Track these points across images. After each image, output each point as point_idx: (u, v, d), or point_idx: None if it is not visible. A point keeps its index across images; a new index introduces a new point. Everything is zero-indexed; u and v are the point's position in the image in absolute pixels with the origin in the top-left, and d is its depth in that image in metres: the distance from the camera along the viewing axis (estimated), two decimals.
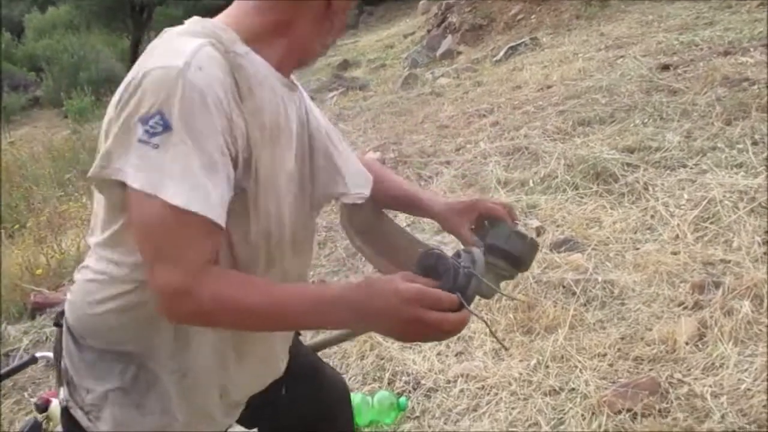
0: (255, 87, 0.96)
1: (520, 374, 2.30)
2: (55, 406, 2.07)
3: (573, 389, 2.18)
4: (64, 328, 1.09)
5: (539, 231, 3.27)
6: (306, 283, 1.01)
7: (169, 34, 0.98)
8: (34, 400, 2.07)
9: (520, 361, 2.38)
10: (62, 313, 1.12)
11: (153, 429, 1.07)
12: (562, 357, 2.35)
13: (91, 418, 1.06)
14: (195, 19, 1.01)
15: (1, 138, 10.88)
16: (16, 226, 5.71)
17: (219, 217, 0.90)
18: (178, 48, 0.91)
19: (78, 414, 1.08)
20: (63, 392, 1.09)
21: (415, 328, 0.89)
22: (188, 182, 0.87)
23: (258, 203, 0.99)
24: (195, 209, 0.87)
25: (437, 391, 2.36)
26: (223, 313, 0.90)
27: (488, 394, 2.27)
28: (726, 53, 4.93)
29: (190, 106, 0.87)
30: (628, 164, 3.63)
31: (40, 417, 2.02)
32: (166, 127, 0.86)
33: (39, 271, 4.33)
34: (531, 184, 3.77)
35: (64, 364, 1.09)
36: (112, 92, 0.99)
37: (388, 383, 2.46)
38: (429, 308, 0.88)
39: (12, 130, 15.03)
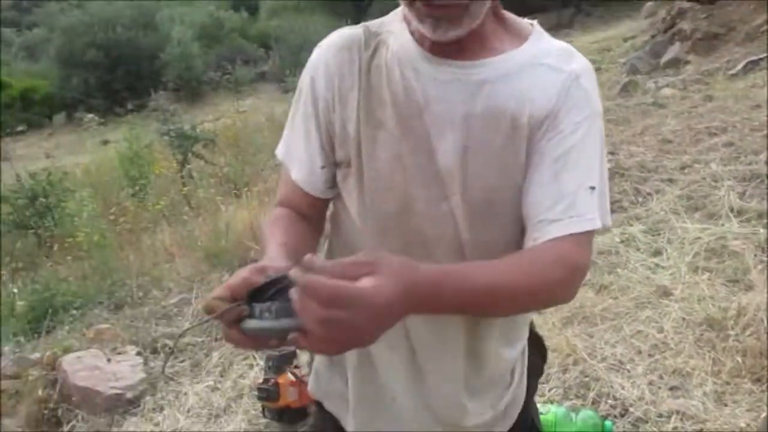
0: (391, 62, 0.95)
1: (747, 425, 2.10)
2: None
3: None
4: None
5: None
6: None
7: None
8: None
9: (748, 410, 2.17)
10: None
11: (333, 395, 1.10)
12: None
13: (308, 362, 1.18)
14: None
15: None
16: (245, 188, 6.34)
17: (297, 170, 1.01)
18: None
19: (307, 360, 1.23)
20: None
21: None
22: (284, 136, 1.05)
23: (363, 181, 0.96)
24: (280, 157, 1.06)
25: (647, 422, 2.23)
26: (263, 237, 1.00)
27: None
28: None
29: (302, 78, 1.02)
30: None
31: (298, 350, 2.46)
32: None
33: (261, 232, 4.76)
34: None
35: None
36: None
37: (592, 403, 2.37)
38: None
39: (240, 99, 16.69)
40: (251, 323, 0.73)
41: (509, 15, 0.98)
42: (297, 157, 1.01)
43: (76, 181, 8.50)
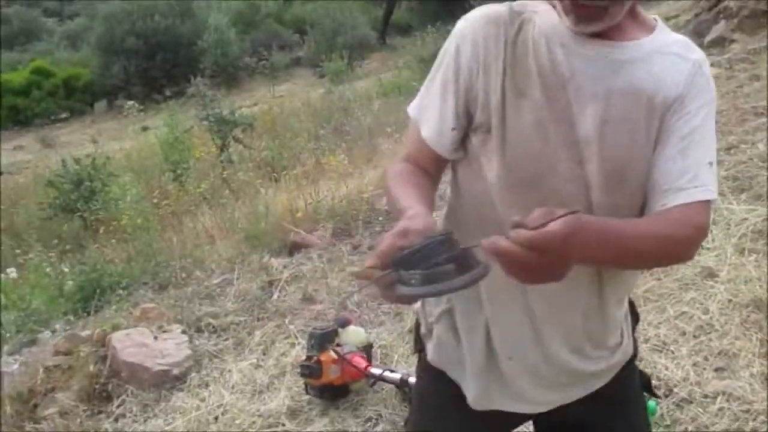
0: (538, 38, 1.03)
1: None
2: (350, 330, 2.69)
3: None
4: None
5: None
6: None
7: None
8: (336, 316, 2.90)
9: None
10: None
11: (455, 363, 1.16)
12: None
13: (425, 333, 1.22)
14: None
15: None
16: (283, 172, 6.41)
17: (428, 128, 1.09)
18: None
19: (422, 331, 1.24)
20: (417, 306, 1.27)
21: None
22: (420, 96, 1.12)
23: (505, 146, 1.03)
24: (411, 115, 1.13)
25: (691, 403, 2.21)
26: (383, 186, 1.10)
27: (754, 419, 2.08)
28: None
29: (446, 45, 1.09)
30: None
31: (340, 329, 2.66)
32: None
33: (299, 214, 4.82)
34: None
35: None
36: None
37: None
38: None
39: (276, 85, 16.81)
40: (402, 290, 0.83)
41: (639, 9, 1.08)
42: (429, 116, 1.09)
43: (119, 165, 8.70)
